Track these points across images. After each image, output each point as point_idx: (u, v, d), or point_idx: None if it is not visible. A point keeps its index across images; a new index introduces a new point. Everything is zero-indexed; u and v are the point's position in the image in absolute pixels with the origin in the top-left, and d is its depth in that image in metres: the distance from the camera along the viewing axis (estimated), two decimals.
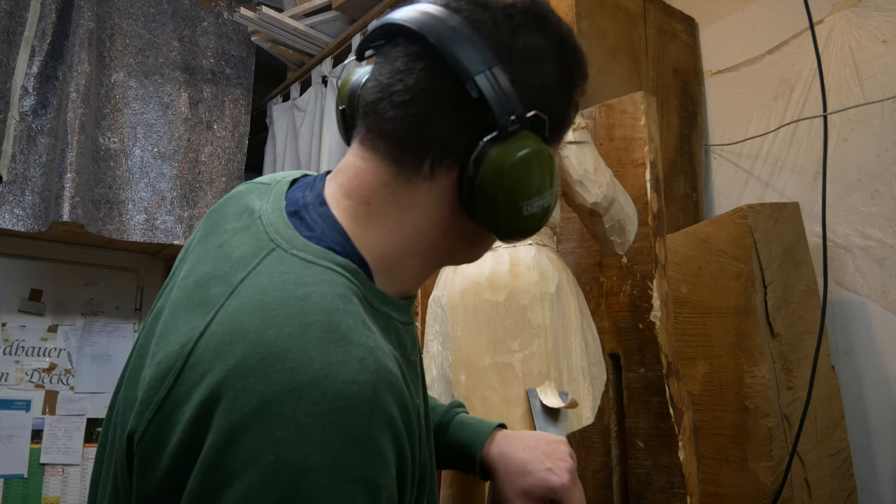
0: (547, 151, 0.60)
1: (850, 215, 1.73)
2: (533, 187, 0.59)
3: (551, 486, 0.78)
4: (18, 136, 1.95)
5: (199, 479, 0.47)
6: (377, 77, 0.61)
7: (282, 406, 0.47)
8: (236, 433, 0.47)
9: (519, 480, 0.79)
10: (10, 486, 2.13)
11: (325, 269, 0.56)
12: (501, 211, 0.59)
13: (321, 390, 0.47)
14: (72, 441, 2.27)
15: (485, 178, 0.58)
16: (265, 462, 0.46)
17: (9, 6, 1.94)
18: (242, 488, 0.46)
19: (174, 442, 0.50)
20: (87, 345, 2.37)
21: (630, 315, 1.27)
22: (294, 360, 0.48)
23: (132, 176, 2.12)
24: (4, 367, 2.22)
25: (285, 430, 0.46)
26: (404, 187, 0.60)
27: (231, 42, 2.43)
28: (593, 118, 1.35)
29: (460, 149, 0.60)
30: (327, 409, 0.47)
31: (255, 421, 0.47)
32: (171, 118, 2.22)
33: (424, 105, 0.59)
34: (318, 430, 0.46)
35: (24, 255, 2.27)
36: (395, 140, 0.60)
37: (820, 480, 1.48)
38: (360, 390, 0.48)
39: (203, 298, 0.55)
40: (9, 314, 2.25)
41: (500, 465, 0.81)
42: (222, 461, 0.47)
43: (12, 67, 1.95)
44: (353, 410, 0.48)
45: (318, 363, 0.48)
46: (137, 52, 2.17)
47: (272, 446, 0.46)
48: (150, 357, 0.56)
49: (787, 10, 1.93)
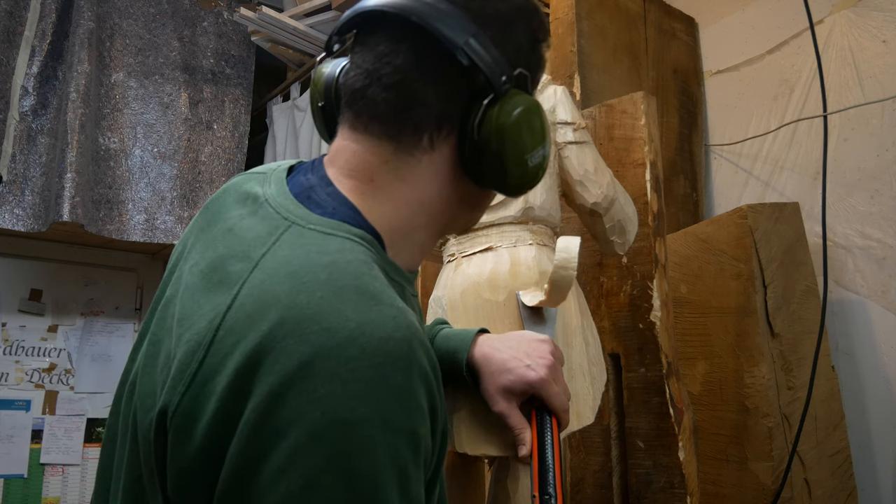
0: (537, 103, 0.64)
1: (850, 215, 1.73)
2: (535, 137, 0.63)
3: (529, 381, 0.81)
4: (18, 136, 1.95)
5: (243, 444, 0.47)
6: (360, 65, 0.62)
7: (323, 364, 0.47)
8: (279, 394, 0.47)
9: (500, 378, 0.83)
10: (10, 486, 2.13)
11: (345, 239, 0.57)
12: (509, 166, 0.62)
13: (360, 347, 0.48)
14: (72, 441, 2.27)
15: (489, 139, 0.61)
16: (311, 418, 0.46)
17: (9, 6, 1.94)
18: (289, 446, 0.46)
19: (210, 412, 0.49)
20: (87, 345, 2.37)
21: (630, 315, 1.27)
22: (330, 321, 0.49)
23: (132, 176, 2.12)
24: (4, 367, 2.22)
25: (329, 386, 0.47)
26: (405, 162, 0.62)
27: (231, 42, 2.43)
28: (593, 118, 1.35)
29: (456, 117, 0.62)
30: (368, 364, 0.48)
31: (298, 380, 0.47)
32: (171, 118, 2.22)
33: (416, 82, 0.60)
34: (361, 385, 0.47)
35: (24, 255, 2.27)
36: (390, 120, 0.61)
37: (820, 480, 1.48)
38: (397, 346, 0.50)
39: (223, 277, 0.55)
40: (9, 314, 2.25)
41: (484, 366, 0.84)
42: (266, 423, 0.47)
43: (12, 67, 1.95)
44: (392, 365, 0.49)
45: (353, 322, 0.49)
46: (137, 52, 2.17)
47: (317, 402, 0.46)
48: (176, 340, 0.55)
49: (787, 10, 1.93)
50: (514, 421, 0.83)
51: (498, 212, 1.05)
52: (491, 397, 0.84)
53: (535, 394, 0.83)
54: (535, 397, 0.84)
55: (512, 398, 0.83)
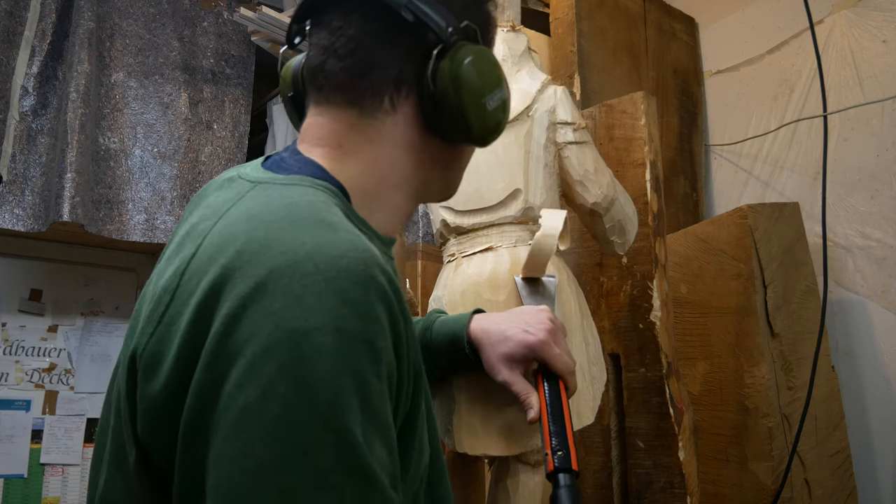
0: (488, 51, 0.66)
1: (850, 215, 1.73)
2: (489, 81, 0.65)
3: (528, 344, 0.82)
4: (18, 136, 1.95)
5: (204, 370, 0.48)
6: (316, 44, 0.66)
7: (278, 282, 0.48)
8: (235, 315, 0.48)
9: (500, 347, 0.83)
10: (10, 486, 2.13)
11: (307, 187, 0.59)
12: (469, 112, 0.63)
13: (314, 263, 0.49)
14: (72, 441, 2.27)
15: (445, 90, 0.63)
16: (265, 332, 0.47)
17: (9, 6, 1.94)
18: (246, 362, 0.46)
19: (175, 347, 0.50)
20: (87, 345, 2.37)
21: (630, 315, 1.26)
22: (286, 245, 0.50)
23: (132, 176, 2.11)
24: (4, 367, 2.21)
25: (283, 301, 0.47)
26: (370, 125, 0.64)
27: (231, 42, 2.43)
28: (593, 118, 1.35)
29: (413, 77, 0.65)
30: (322, 278, 0.48)
31: (254, 300, 0.48)
32: (171, 118, 2.22)
33: (369, 47, 0.63)
34: (314, 298, 0.48)
35: (24, 255, 2.27)
36: (349, 87, 0.64)
37: (820, 480, 1.48)
38: (352, 263, 0.50)
39: (192, 236, 0.57)
40: (9, 314, 2.25)
41: (484, 339, 0.85)
42: (224, 344, 0.48)
43: (12, 67, 1.95)
44: (347, 279, 0.49)
45: (309, 244, 0.50)
46: (137, 52, 2.17)
47: (271, 317, 0.47)
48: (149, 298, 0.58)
49: (787, 10, 1.93)
50: (518, 387, 0.83)
51: (498, 212, 1.05)
52: (493, 367, 0.84)
53: (537, 358, 0.83)
54: (539, 365, 0.84)
55: (514, 366, 0.83)
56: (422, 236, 2.05)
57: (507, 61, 1.12)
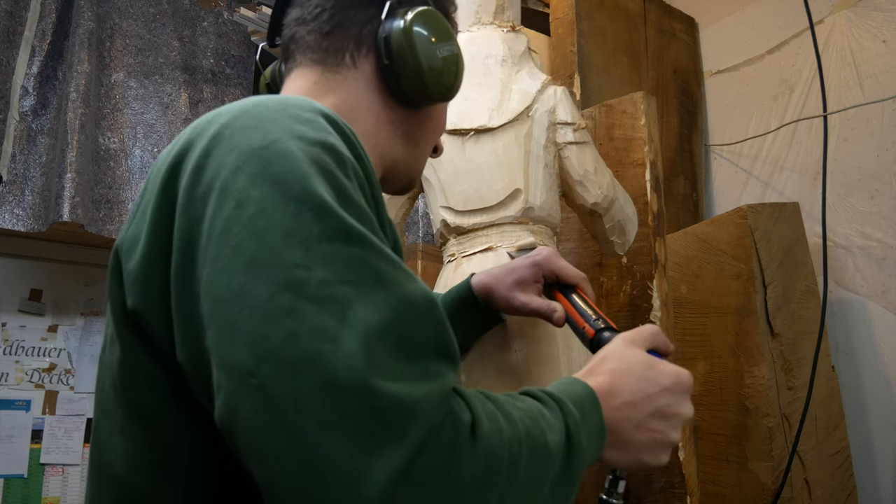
0: (434, 10, 0.71)
1: (850, 215, 1.73)
2: (437, 31, 0.70)
3: (535, 262, 0.86)
4: (18, 136, 1.95)
5: (181, 222, 0.49)
6: (288, 24, 0.72)
7: (233, 126, 0.51)
8: (200, 165, 0.50)
9: (508, 278, 0.86)
10: (10, 486, 2.13)
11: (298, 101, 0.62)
12: (420, 61, 0.68)
13: (264, 105, 0.53)
14: (72, 441, 2.27)
15: (398, 44, 0.68)
16: (230, 160, 0.49)
17: (9, 6, 1.94)
18: (219, 187, 0.48)
19: (149, 217, 0.52)
20: (87, 345, 2.37)
21: (630, 315, 1.26)
22: (240, 106, 0.54)
23: (132, 176, 2.11)
24: (4, 367, 2.22)
25: (240, 135, 0.50)
26: (332, 78, 0.70)
27: (231, 42, 2.43)
28: (593, 118, 1.35)
29: (372, 37, 0.70)
30: (276, 109, 0.52)
31: (215, 146, 0.50)
32: (171, 118, 2.22)
33: (333, 11, 0.70)
34: (270, 122, 0.51)
35: (24, 255, 2.27)
36: (315, 47, 0.70)
37: (820, 480, 1.48)
38: (312, 105, 0.55)
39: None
40: (9, 314, 2.25)
41: (490, 281, 0.88)
42: (196, 188, 0.49)
43: (12, 67, 1.95)
44: (304, 110, 0.53)
45: (262, 101, 0.54)
46: (137, 52, 2.17)
47: (232, 150, 0.49)
48: None
49: (787, 10, 1.93)
50: (537, 304, 0.84)
51: (498, 212, 1.05)
52: (506, 300, 0.85)
53: (547, 273, 0.85)
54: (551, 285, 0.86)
55: (526, 288, 0.85)
56: (422, 236, 2.05)
57: (508, 61, 1.12)
